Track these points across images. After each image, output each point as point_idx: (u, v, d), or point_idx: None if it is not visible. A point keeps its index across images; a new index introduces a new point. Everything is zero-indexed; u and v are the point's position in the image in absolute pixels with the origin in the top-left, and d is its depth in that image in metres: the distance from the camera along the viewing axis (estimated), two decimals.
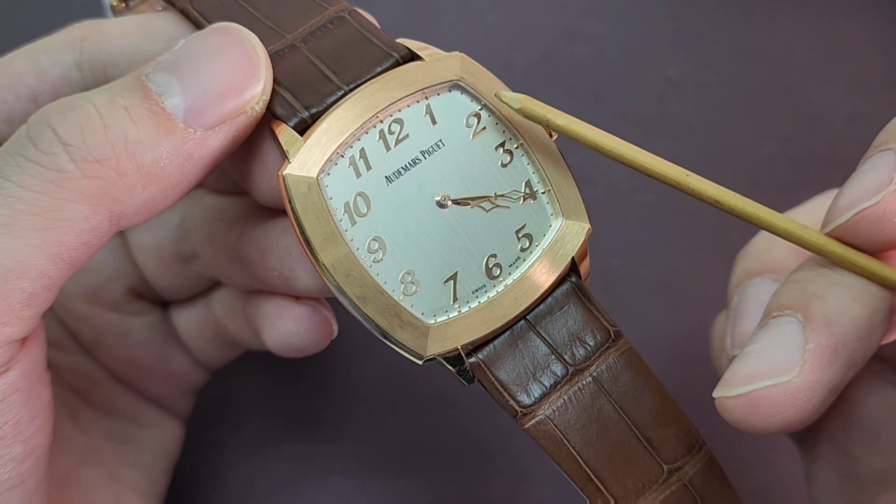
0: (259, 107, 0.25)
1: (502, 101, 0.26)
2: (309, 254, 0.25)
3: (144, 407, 0.35)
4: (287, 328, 0.30)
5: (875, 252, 0.26)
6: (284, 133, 0.25)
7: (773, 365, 0.25)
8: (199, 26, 0.27)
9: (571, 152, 0.28)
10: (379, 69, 0.26)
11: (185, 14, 0.28)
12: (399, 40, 0.27)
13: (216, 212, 0.32)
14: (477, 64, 0.27)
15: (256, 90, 0.25)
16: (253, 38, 0.26)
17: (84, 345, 0.34)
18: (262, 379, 0.41)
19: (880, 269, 0.26)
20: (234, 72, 0.25)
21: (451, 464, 0.39)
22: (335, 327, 0.31)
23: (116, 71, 0.27)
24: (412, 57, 0.27)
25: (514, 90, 0.27)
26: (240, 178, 0.28)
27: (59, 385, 0.32)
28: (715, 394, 0.26)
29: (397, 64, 0.26)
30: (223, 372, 0.38)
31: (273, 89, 0.26)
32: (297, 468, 0.39)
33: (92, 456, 0.32)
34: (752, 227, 0.26)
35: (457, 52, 0.27)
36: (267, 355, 0.33)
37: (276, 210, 0.28)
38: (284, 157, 0.25)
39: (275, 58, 0.26)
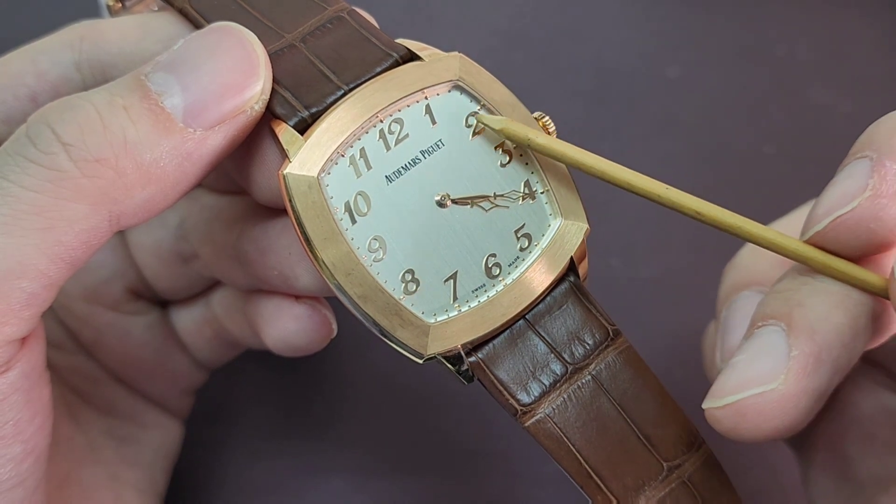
0: (258, 106, 0.25)
1: (483, 124, 0.27)
2: (309, 253, 0.25)
3: (144, 407, 0.35)
4: (286, 327, 0.30)
5: (855, 257, 0.26)
6: (284, 132, 0.25)
7: (759, 374, 0.25)
8: (197, 26, 0.27)
9: None
10: (378, 69, 0.26)
11: (183, 13, 0.28)
12: (398, 40, 0.27)
13: (215, 211, 0.32)
14: (476, 64, 0.27)
15: (256, 89, 0.25)
16: (252, 38, 0.26)
17: (83, 344, 0.34)
18: (261, 379, 0.41)
19: (860, 273, 0.26)
20: (233, 71, 0.25)
21: (451, 463, 0.39)
22: (335, 327, 0.31)
23: (115, 71, 0.27)
24: (411, 57, 0.27)
25: (513, 91, 0.27)
26: (239, 178, 0.28)
27: (59, 385, 0.32)
28: (704, 405, 0.26)
29: (396, 64, 0.26)
30: (223, 372, 0.38)
31: (273, 89, 0.26)
32: (296, 467, 0.39)
33: (92, 456, 0.32)
34: None
35: (456, 53, 0.27)
36: (266, 355, 0.33)
37: (275, 209, 0.28)
38: (285, 156, 0.25)
39: (274, 57, 0.26)
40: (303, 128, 0.25)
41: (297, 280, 0.28)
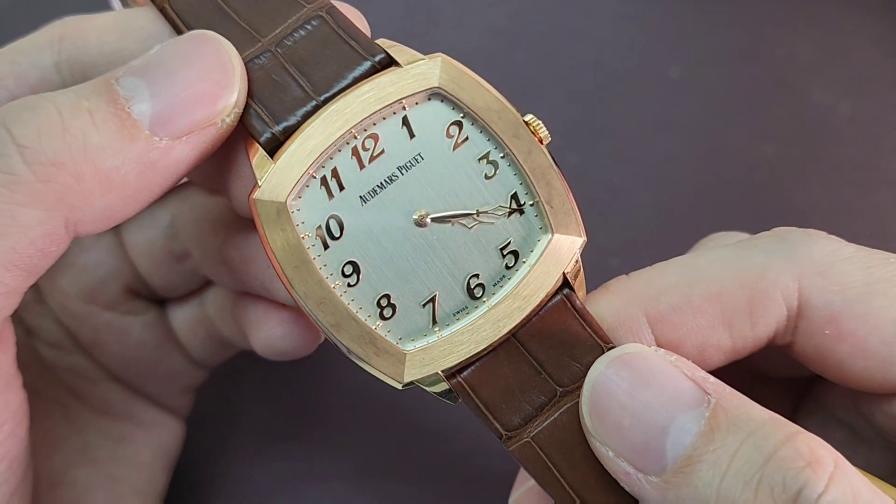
0: (230, 119, 0.23)
1: None
2: (282, 279, 0.23)
3: (142, 406, 0.34)
4: (273, 332, 0.29)
5: None
6: (256, 154, 0.23)
7: None
8: (174, 26, 0.25)
9: (571, 153, 0.25)
10: (355, 75, 0.24)
11: (162, 13, 0.25)
12: (378, 41, 0.24)
13: (204, 211, 0.31)
14: (460, 67, 0.24)
15: (229, 101, 0.23)
16: (230, 48, 0.24)
17: (82, 344, 0.33)
18: (262, 379, 0.40)
19: None
20: (206, 81, 0.23)
21: (451, 465, 0.38)
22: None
23: (96, 71, 0.26)
24: (390, 62, 0.24)
25: (513, 91, 0.25)
26: (220, 189, 0.26)
27: (55, 385, 0.32)
28: None
29: (374, 70, 0.24)
30: (223, 371, 0.37)
31: (246, 102, 0.24)
32: (296, 468, 0.38)
33: (87, 456, 0.31)
34: (751, 222, 0.24)
35: (438, 55, 0.24)
36: None
37: None
38: (255, 179, 0.23)
39: (248, 66, 0.24)
40: (274, 145, 0.23)
41: (276, 293, 0.27)
